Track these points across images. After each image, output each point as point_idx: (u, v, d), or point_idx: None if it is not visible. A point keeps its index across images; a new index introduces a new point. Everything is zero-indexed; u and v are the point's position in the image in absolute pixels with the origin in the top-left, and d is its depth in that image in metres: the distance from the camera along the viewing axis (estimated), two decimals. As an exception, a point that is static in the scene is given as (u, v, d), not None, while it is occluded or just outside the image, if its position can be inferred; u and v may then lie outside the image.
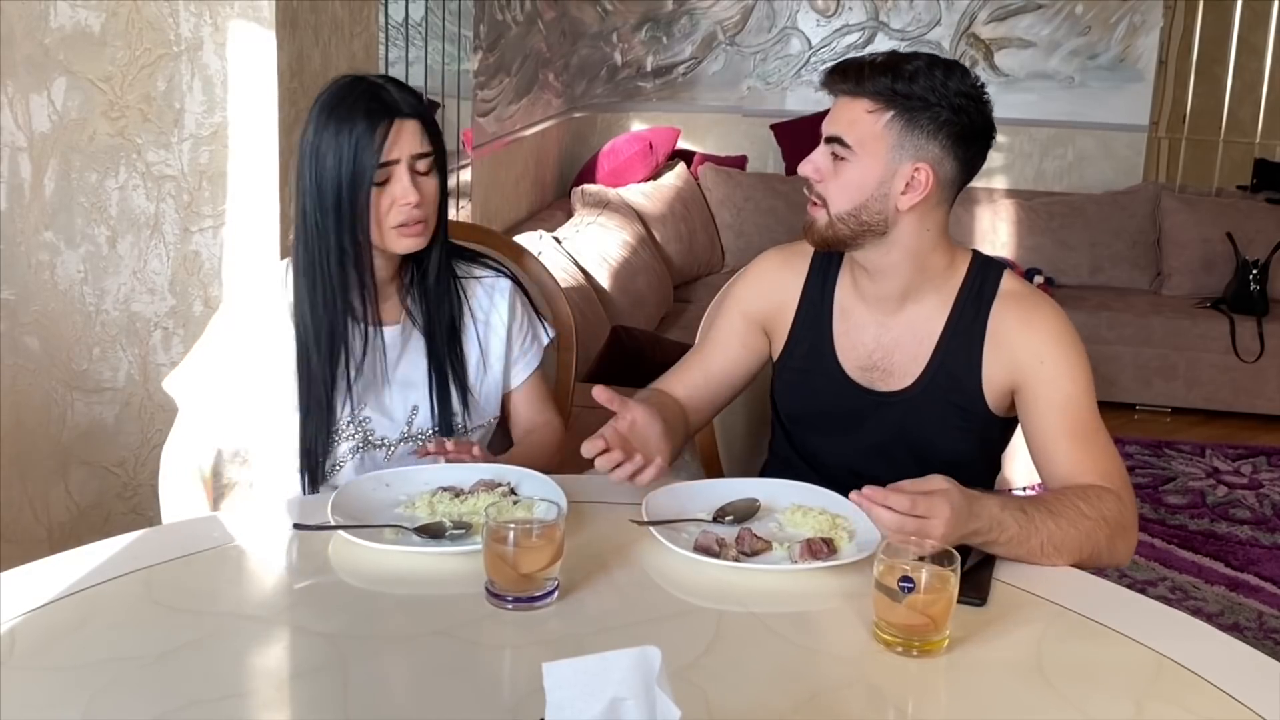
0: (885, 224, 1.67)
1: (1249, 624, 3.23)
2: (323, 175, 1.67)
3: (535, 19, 4.95)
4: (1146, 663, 1.28)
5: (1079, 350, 1.69)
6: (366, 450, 1.78)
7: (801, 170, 1.72)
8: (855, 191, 1.66)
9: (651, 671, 0.93)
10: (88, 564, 1.39)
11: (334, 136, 1.66)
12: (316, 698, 1.19)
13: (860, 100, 1.66)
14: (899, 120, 1.64)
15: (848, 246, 1.72)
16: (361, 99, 1.67)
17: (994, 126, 1.70)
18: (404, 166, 1.67)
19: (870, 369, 1.77)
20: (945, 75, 1.64)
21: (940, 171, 1.66)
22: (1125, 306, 5.03)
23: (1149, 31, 5.52)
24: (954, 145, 1.66)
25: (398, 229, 1.69)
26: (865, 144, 1.65)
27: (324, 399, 1.73)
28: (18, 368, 2.35)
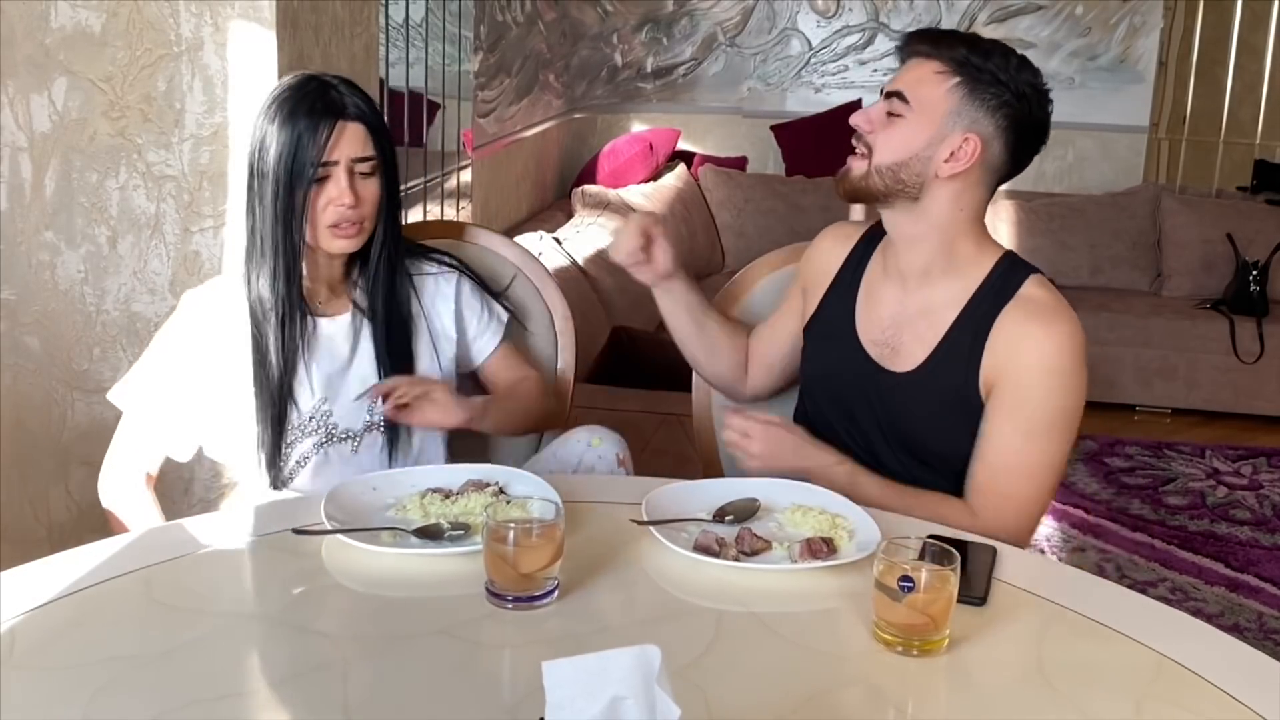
0: (921, 188, 1.69)
1: (1249, 625, 3.23)
2: (264, 168, 1.70)
3: (535, 20, 4.95)
4: (1147, 663, 1.28)
5: (1067, 381, 1.67)
6: (331, 444, 1.80)
7: (853, 120, 1.73)
8: (902, 147, 1.68)
9: (651, 670, 0.93)
10: (87, 564, 1.39)
11: (278, 131, 1.69)
12: (316, 697, 1.19)
13: (932, 61, 1.68)
14: (963, 88, 1.66)
15: (879, 202, 1.73)
16: (308, 97, 1.70)
17: (1049, 128, 1.71)
18: (343, 168, 1.70)
19: (883, 344, 1.78)
20: (1019, 64, 1.68)
21: (988, 149, 1.67)
22: (1125, 308, 5.03)
23: (1149, 33, 5.52)
24: (1008, 129, 1.67)
25: (331, 229, 1.72)
26: (924, 103, 1.67)
27: (278, 390, 1.75)
28: (18, 368, 2.35)
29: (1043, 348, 1.66)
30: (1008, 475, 1.67)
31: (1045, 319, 1.68)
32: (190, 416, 1.80)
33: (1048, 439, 1.67)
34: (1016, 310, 1.69)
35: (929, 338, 1.74)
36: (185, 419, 1.81)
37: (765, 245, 2.03)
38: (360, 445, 1.81)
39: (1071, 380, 1.66)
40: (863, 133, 1.71)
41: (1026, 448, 1.66)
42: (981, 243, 1.75)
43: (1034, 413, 1.66)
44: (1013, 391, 1.67)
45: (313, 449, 1.79)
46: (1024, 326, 1.68)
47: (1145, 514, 3.93)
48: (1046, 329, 1.67)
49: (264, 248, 1.72)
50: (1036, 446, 1.67)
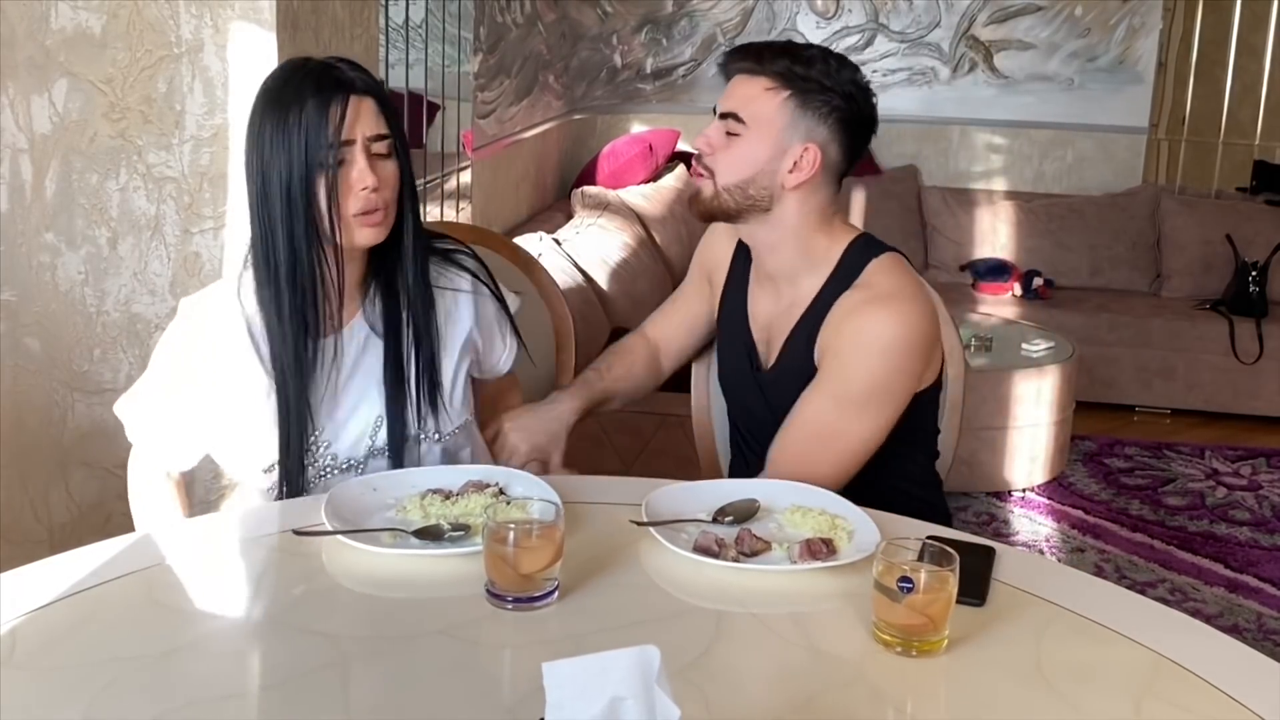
0: (770, 200, 1.74)
1: (1248, 625, 3.24)
2: (269, 167, 1.51)
3: (535, 21, 4.95)
4: (1145, 663, 1.28)
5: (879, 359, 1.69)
6: (331, 474, 1.68)
7: (694, 143, 1.78)
8: (745, 166, 1.73)
9: (651, 671, 0.93)
10: (88, 565, 1.39)
11: (280, 121, 1.51)
12: (317, 698, 1.19)
13: (759, 78, 1.72)
14: (794, 100, 1.71)
15: (732, 219, 1.78)
16: (310, 78, 1.52)
17: (877, 120, 1.77)
18: (359, 147, 1.53)
19: (762, 341, 1.87)
20: (839, 65, 1.73)
21: (827, 154, 1.73)
22: (1125, 308, 5.03)
23: (1148, 33, 5.52)
24: (841, 131, 1.73)
25: (357, 218, 1.55)
26: (759, 120, 1.72)
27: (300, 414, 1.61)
28: (18, 369, 2.35)
29: (863, 325, 1.71)
30: (809, 440, 1.72)
31: (876, 303, 1.71)
32: (193, 426, 1.68)
33: (856, 412, 1.71)
34: (851, 295, 1.74)
35: (787, 330, 1.81)
36: (188, 429, 1.69)
37: (765, 246, 2.07)
38: (365, 470, 1.69)
39: (889, 358, 1.70)
40: (703, 155, 1.76)
41: (832, 416, 1.71)
42: (833, 234, 1.79)
43: (845, 384, 1.71)
44: (830, 361, 1.73)
45: (315, 476, 1.67)
46: (853, 309, 1.72)
47: (1145, 514, 3.94)
48: (873, 310, 1.71)
49: (275, 259, 1.54)
50: (842, 417, 1.71)
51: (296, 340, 1.58)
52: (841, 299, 1.74)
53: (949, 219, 5.48)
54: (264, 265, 1.57)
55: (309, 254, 1.55)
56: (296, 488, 1.66)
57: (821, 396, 1.72)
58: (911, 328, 1.70)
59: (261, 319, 1.61)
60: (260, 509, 1.71)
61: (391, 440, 1.68)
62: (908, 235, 5.42)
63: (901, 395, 1.73)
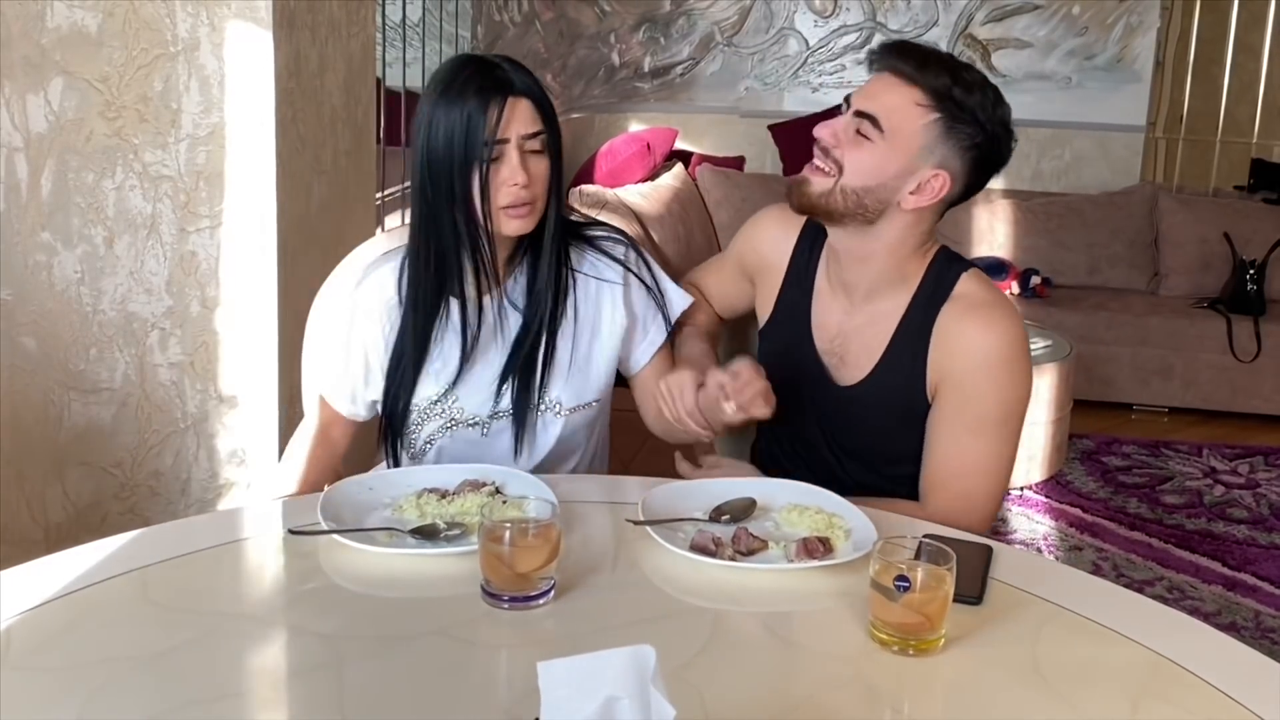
0: (880, 215, 1.66)
1: (1246, 623, 3.24)
2: (434, 153, 1.65)
3: (533, 20, 4.95)
4: (1143, 662, 1.28)
5: (1009, 375, 1.66)
6: (456, 428, 1.78)
7: (818, 132, 1.68)
8: (871, 174, 1.64)
9: (646, 670, 0.93)
10: (83, 564, 1.39)
11: (446, 113, 1.64)
12: (312, 697, 1.19)
13: (913, 89, 1.62)
14: (942, 124, 1.62)
15: (831, 220, 1.70)
16: (474, 76, 1.65)
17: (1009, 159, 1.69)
18: (513, 146, 1.64)
19: (831, 354, 1.78)
20: (996, 100, 1.64)
21: (954, 186, 1.66)
22: (1122, 307, 5.03)
23: (1146, 32, 5.53)
24: (975, 167, 1.65)
25: (505, 210, 1.66)
26: (899, 132, 1.62)
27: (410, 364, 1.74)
28: (14, 368, 2.34)
29: (981, 344, 1.66)
30: (960, 475, 1.67)
31: (981, 314, 1.67)
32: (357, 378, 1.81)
33: (996, 434, 1.67)
34: (953, 309, 1.69)
35: (874, 348, 1.74)
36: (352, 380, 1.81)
37: (762, 245, 2.06)
38: (489, 430, 1.79)
39: (1012, 373, 1.66)
40: (829, 147, 1.67)
41: (976, 445, 1.67)
42: (924, 255, 1.74)
43: (979, 409, 1.66)
44: (956, 390, 1.67)
45: (439, 430, 1.78)
46: (961, 324, 1.67)
47: (1142, 513, 3.94)
48: (984, 324, 1.66)
49: (433, 231, 1.69)
50: (985, 442, 1.67)
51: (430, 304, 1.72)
52: (942, 317, 1.68)
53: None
54: (421, 233, 1.71)
55: (461, 229, 1.68)
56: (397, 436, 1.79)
57: (959, 429, 1.66)
58: (1018, 338, 1.67)
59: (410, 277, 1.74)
60: (257, 509, 1.71)
61: (515, 406, 1.77)
62: (906, 234, 5.41)
63: (1024, 405, 1.69)
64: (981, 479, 1.67)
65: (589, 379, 1.81)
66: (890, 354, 1.72)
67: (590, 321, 1.81)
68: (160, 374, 2.37)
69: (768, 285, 1.87)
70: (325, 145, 2.53)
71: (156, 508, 2.42)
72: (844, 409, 1.76)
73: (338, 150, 2.59)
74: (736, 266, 1.95)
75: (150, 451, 2.39)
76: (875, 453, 1.74)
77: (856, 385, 1.75)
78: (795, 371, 1.80)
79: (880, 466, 1.76)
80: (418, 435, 1.80)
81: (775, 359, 1.84)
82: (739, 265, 1.94)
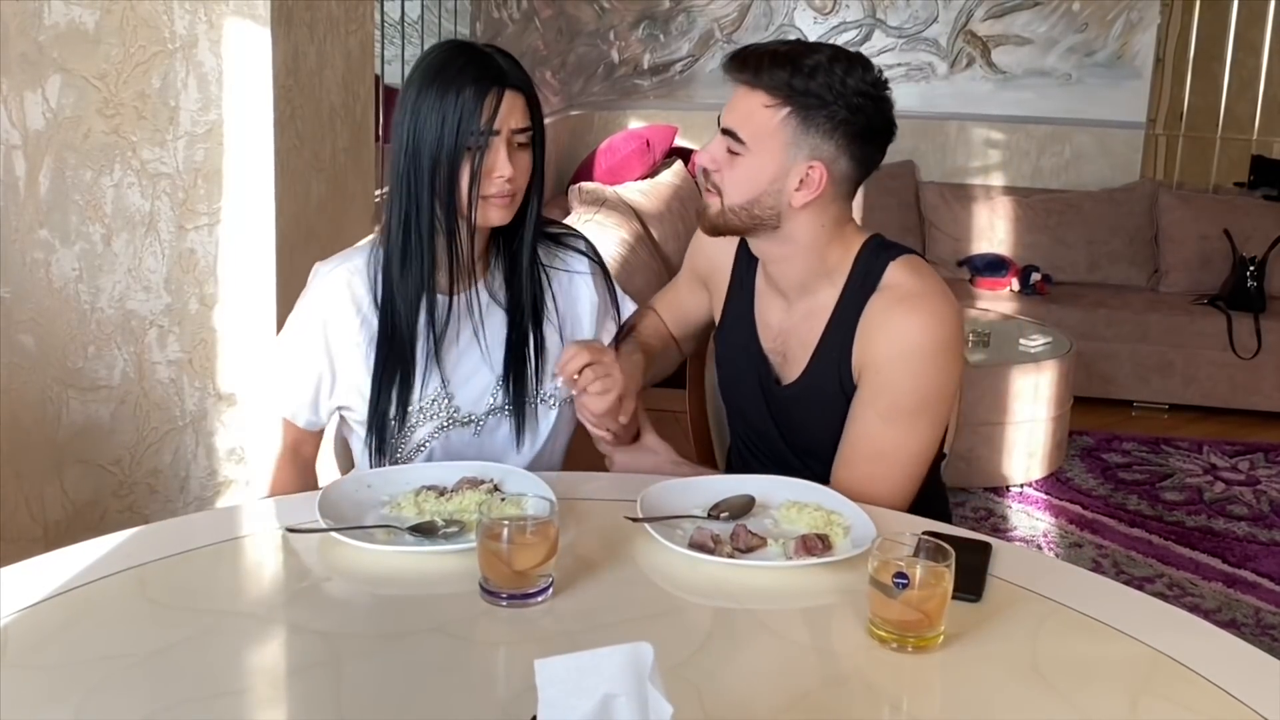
0: (778, 219, 1.67)
1: (1246, 620, 3.24)
2: (421, 138, 1.64)
3: (532, 17, 4.94)
4: (1142, 659, 1.27)
5: (926, 364, 1.64)
6: (452, 428, 1.76)
7: (698, 159, 1.72)
8: (748, 186, 1.65)
9: (644, 668, 0.93)
10: (81, 562, 1.39)
11: (438, 100, 1.62)
12: (310, 695, 1.19)
13: (757, 93, 1.63)
14: (795, 117, 1.61)
15: (740, 234, 1.73)
16: (470, 65, 1.63)
17: (894, 124, 1.66)
18: (503, 138, 1.64)
19: (775, 352, 1.80)
20: (845, 72, 1.61)
21: (834, 170, 1.64)
22: (1123, 304, 5.03)
23: (1146, 28, 5.52)
24: (849, 144, 1.63)
25: (489, 199, 1.66)
26: (760, 139, 1.63)
27: (404, 364, 1.71)
28: (13, 366, 2.34)
29: (901, 333, 1.65)
30: (868, 458, 1.67)
31: (907, 304, 1.66)
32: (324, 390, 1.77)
33: (909, 423, 1.66)
34: (880, 300, 1.68)
35: (809, 343, 1.75)
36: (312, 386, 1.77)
37: (761, 242, 2.06)
38: (483, 429, 1.78)
39: (934, 363, 1.64)
40: (710, 172, 1.68)
41: (886, 432, 1.66)
42: (847, 241, 1.73)
43: (893, 397, 1.66)
44: (874, 376, 1.67)
45: (433, 433, 1.76)
46: (885, 314, 1.66)
47: (1142, 510, 3.93)
48: (907, 314, 1.65)
49: (416, 220, 1.66)
50: (896, 430, 1.66)
51: (415, 300, 1.70)
52: (869, 307, 1.68)
53: (946, 214, 5.48)
54: (402, 224, 1.68)
55: (447, 221, 1.67)
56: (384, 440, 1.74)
57: (872, 414, 1.66)
58: (946, 325, 1.65)
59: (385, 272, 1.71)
60: (255, 506, 1.70)
61: (514, 400, 1.77)
62: (905, 231, 5.41)
63: (951, 396, 1.69)
64: (889, 466, 1.67)
65: None
66: (821, 349, 1.73)
67: (571, 312, 1.84)
68: (159, 372, 2.37)
69: (718, 290, 1.90)
70: (324, 142, 2.52)
71: (155, 505, 2.41)
72: (788, 407, 1.78)
73: (336, 147, 2.59)
74: (691, 276, 1.98)
75: (149, 449, 2.39)
76: (829, 448, 1.73)
77: (795, 382, 1.77)
78: (747, 372, 1.83)
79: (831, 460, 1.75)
80: (409, 440, 1.76)
81: (730, 361, 1.88)
82: (693, 274, 1.97)
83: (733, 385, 1.89)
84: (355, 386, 1.75)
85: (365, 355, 1.73)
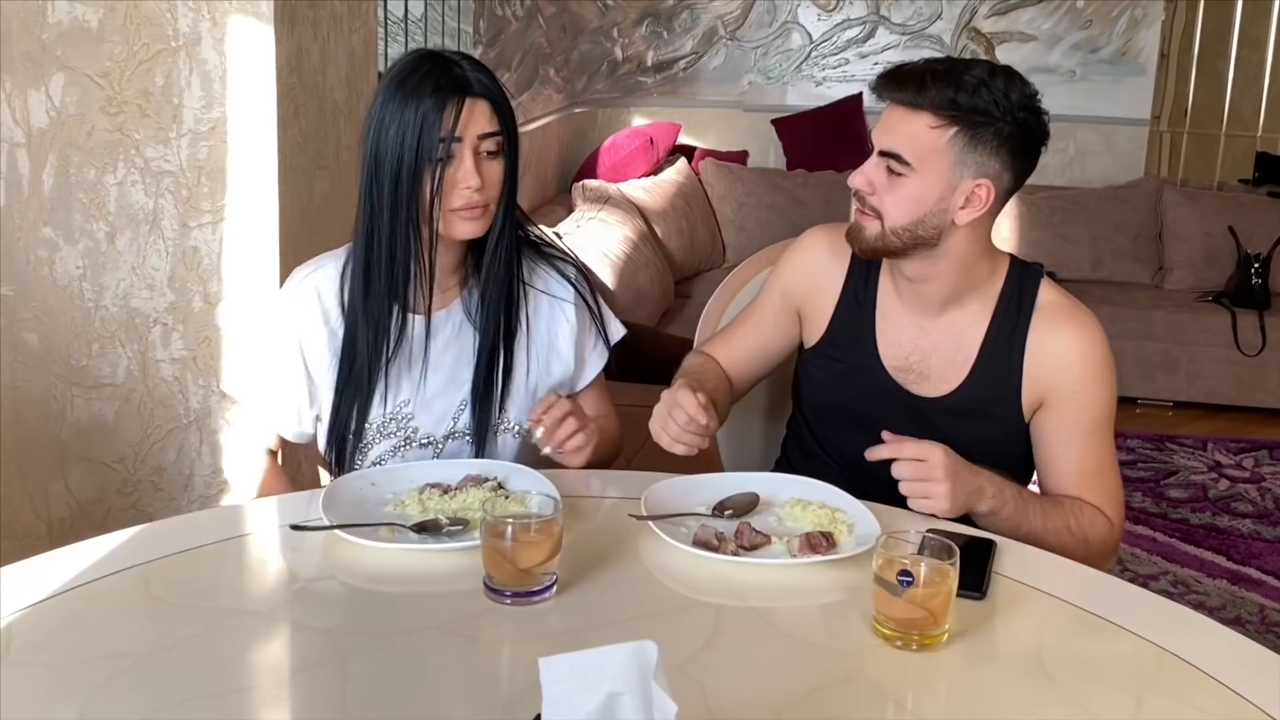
0: (939, 237, 1.64)
1: (1251, 618, 3.23)
2: (383, 150, 1.60)
3: (535, 14, 4.94)
4: (1147, 657, 1.27)
5: (1110, 372, 1.70)
6: (409, 448, 1.72)
7: (852, 182, 1.66)
8: (913, 207, 1.62)
9: (648, 666, 0.92)
10: (85, 560, 1.39)
11: (399, 111, 1.58)
12: (315, 693, 1.19)
13: (921, 114, 1.60)
14: (963, 136, 1.59)
15: (896, 257, 1.69)
16: (431, 74, 1.59)
17: (1049, 132, 1.65)
18: (468, 146, 1.59)
19: (906, 370, 1.76)
20: (1007, 86, 1.59)
21: (999, 185, 1.64)
22: (1127, 301, 5.02)
23: (1150, 25, 5.51)
24: (1014, 158, 1.63)
25: (455, 212, 1.61)
26: (926, 161, 1.60)
27: (363, 381, 1.67)
28: (17, 364, 2.34)
29: (1086, 351, 1.68)
30: (1096, 473, 1.69)
31: (1078, 322, 1.70)
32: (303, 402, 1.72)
33: (1109, 432, 1.71)
34: (1047, 322, 1.70)
35: (960, 360, 1.73)
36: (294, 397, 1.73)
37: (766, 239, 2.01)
38: (443, 451, 1.73)
39: (1112, 371, 1.71)
40: (865, 195, 1.65)
41: (1099, 447, 1.70)
42: (993, 258, 1.73)
43: (1095, 413, 1.69)
44: (1071, 400, 1.68)
45: (390, 451, 1.72)
46: (1058, 337, 1.69)
47: (1147, 507, 3.93)
48: (1078, 332, 1.69)
49: (379, 236, 1.62)
50: (1103, 442, 1.70)
51: (379, 316, 1.65)
52: (1035, 331, 1.69)
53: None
54: (365, 238, 1.64)
55: (407, 235, 1.62)
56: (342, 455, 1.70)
57: (1081, 435, 1.68)
58: (1103, 333, 1.70)
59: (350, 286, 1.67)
60: (259, 504, 1.70)
61: (476, 426, 1.72)
62: (909, 228, 5.40)
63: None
64: (1112, 473, 1.71)
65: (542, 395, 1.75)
66: (981, 364, 1.72)
67: (545, 339, 1.77)
68: (163, 369, 2.37)
69: (818, 309, 1.83)
70: (327, 140, 2.52)
71: (159, 503, 2.42)
72: (933, 419, 1.73)
73: (339, 145, 2.58)
74: (781, 303, 1.87)
75: (153, 447, 2.39)
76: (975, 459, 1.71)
77: (946, 397, 1.74)
78: (863, 391, 1.78)
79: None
80: (364, 457, 1.72)
81: (834, 381, 1.82)
82: (784, 301, 1.87)
83: (850, 402, 1.80)
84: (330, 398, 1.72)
85: (330, 366, 1.70)
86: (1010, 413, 1.72)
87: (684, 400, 1.61)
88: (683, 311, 4.61)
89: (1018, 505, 1.59)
